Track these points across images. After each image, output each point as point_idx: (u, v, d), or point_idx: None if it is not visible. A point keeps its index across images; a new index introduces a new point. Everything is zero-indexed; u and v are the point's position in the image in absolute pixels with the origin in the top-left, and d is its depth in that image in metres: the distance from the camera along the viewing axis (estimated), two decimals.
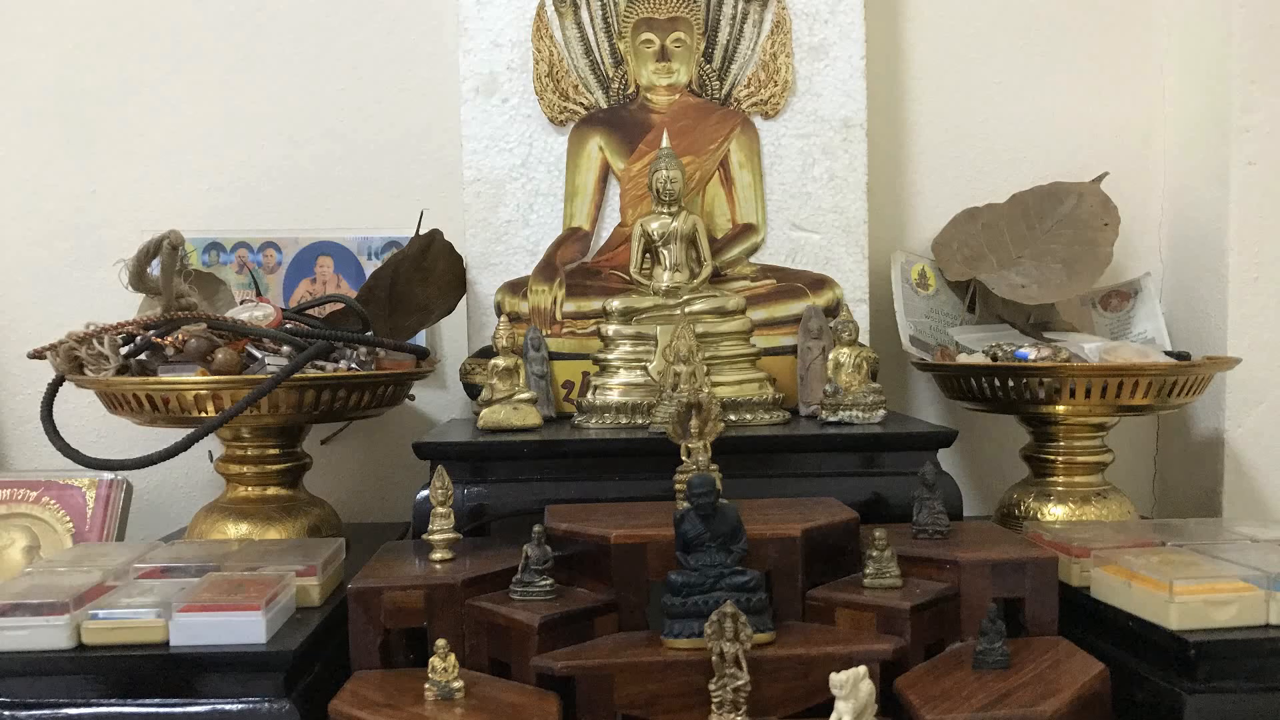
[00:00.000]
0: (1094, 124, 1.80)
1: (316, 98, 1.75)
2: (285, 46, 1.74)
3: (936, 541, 1.19)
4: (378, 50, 1.75)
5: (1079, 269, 1.61)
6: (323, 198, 1.75)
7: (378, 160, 1.76)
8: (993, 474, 1.79)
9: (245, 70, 1.74)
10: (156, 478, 1.73)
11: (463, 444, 1.37)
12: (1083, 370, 1.40)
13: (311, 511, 1.45)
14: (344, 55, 1.75)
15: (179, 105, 1.74)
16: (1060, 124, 1.80)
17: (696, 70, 1.66)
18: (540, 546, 1.11)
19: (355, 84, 1.75)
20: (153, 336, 1.34)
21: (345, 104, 1.75)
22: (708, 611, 0.98)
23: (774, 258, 1.66)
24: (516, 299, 1.63)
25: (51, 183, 1.74)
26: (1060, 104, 1.80)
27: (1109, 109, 1.80)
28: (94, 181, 1.74)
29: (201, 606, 1.05)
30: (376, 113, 1.76)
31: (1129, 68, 1.80)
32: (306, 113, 1.75)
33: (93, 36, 1.73)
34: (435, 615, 1.08)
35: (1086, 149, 1.79)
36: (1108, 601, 1.15)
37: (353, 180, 1.76)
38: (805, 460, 1.37)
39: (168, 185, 1.74)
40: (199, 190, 1.74)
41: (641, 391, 1.47)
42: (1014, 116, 1.80)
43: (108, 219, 1.73)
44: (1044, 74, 1.80)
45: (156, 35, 1.73)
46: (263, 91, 1.74)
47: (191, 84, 1.74)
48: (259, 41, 1.74)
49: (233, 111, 1.74)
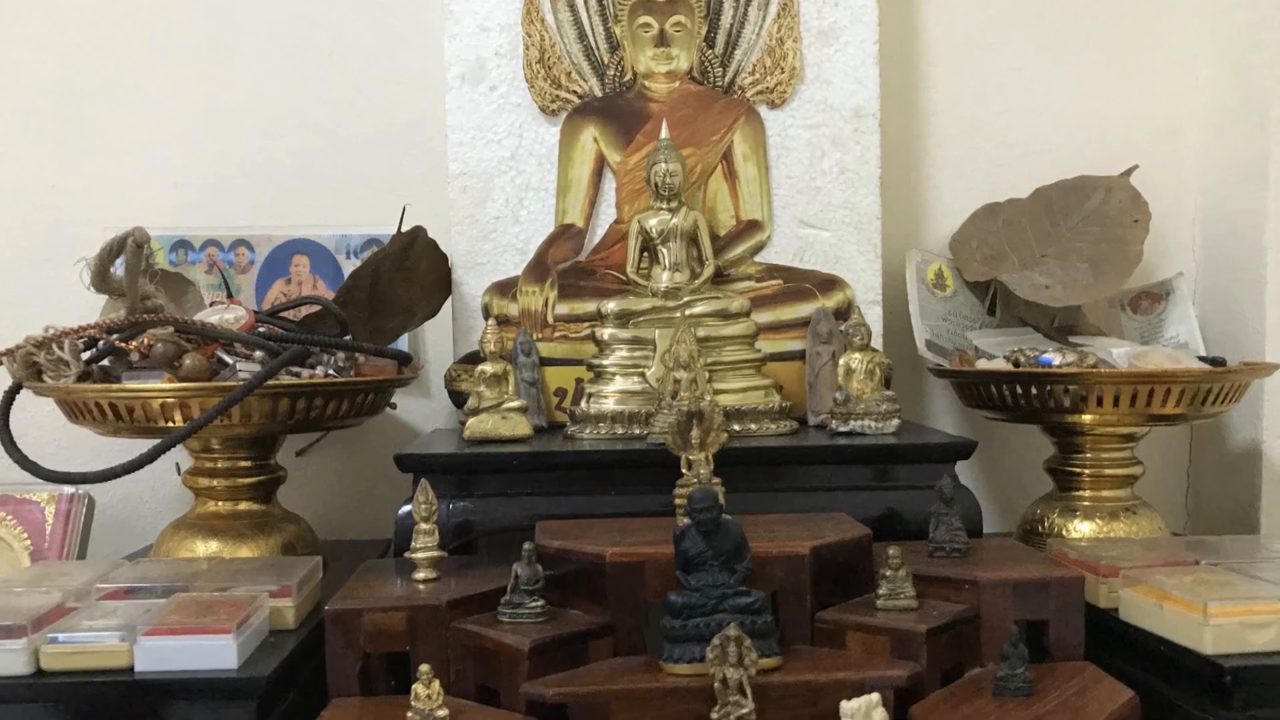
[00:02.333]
0: (1122, 114, 1.80)
1: (293, 86, 1.75)
2: (260, 31, 1.75)
3: (954, 560, 1.19)
4: (359, 36, 1.75)
5: (1106, 269, 1.62)
6: (299, 192, 1.75)
7: (358, 153, 1.76)
8: (1014, 488, 1.79)
9: (216, 57, 1.74)
10: (120, 492, 1.73)
11: (448, 456, 1.37)
12: (1110, 377, 1.41)
13: (286, 528, 1.45)
14: (322, 41, 1.75)
15: (145, 95, 1.74)
16: (1086, 113, 1.80)
17: (698, 56, 1.66)
18: (531, 565, 1.11)
19: (334, 71, 1.76)
20: (116, 341, 1.34)
21: (324, 93, 1.76)
22: (710, 635, 0.98)
23: (780, 257, 1.66)
24: (505, 301, 1.63)
25: (9, 178, 1.74)
26: (1086, 92, 1.80)
27: (1138, 98, 1.80)
28: (54, 176, 1.74)
29: (168, 630, 1.04)
30: (357, 102, 1.76)
31: (1159, 53, 1.80)
32: (282, 102, 1.75)
33: (53, 25, 1.73)
34: (418, 639, 1.08)
35: (1114, 140, 1.80)
36: (1137, 624, 1.16)
37: (331, 174, 1.76)
38: (814, 473, 1.37)
39: (133, 179, 1.74)
40: (166, 184, 1.74)
41: (639, 400, 1.48)
42: (1036, 106, 1.80)
43: (69, 215, 1.73)
44: (1068, 60, 1.80)
45: (122, 21, 1.74)
46: (235, 79, 1.75)
47: (160, 72, 1.74)
48: (230, 25, 1.74)
49: (203, 101, 1.75)
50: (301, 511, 1.54)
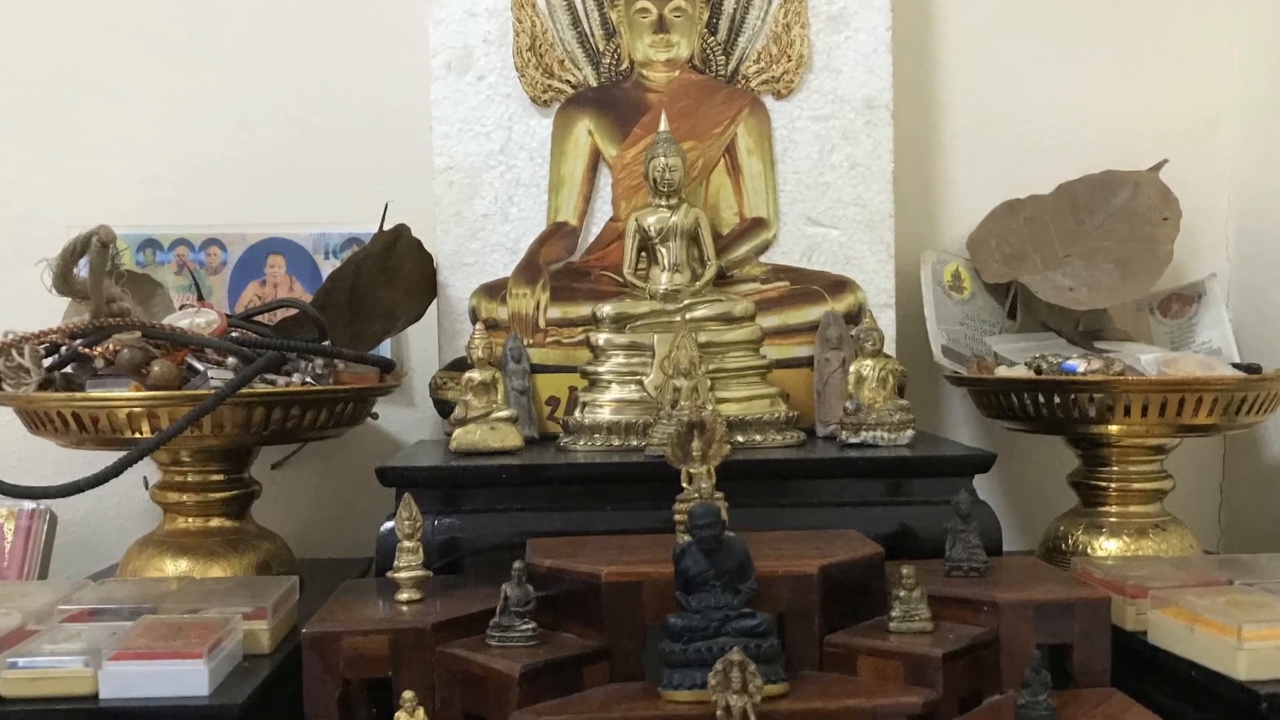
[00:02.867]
0: (1151, 104, 1.81)
1: (269, 76, 1.76)
2: (234, 17, 1.75)
3: (972, 580, 1.20)
4: (341, 24, 1.76)
5: (1134, 269, 1.62)
6: (275, 189, 1.76)
7: (337, 146, 1.76)
8: (1036, 503, 1.80)
9: (187, 44, 1.75)
10: (84, 508, 1.73)
11: (433, 469, 1.37)
12: (1139, 385, 1.41)
13: (261, 546, 1.45)
14: (301, 28, 1.76)
15: (111, 85, 1.75)
16: (1113, 104, 1.81)
17: (699, 43, 1.67)
18: (521, 586, 1.11)
19: (313, 60, 1.76)
20: (80, 346, 1.35)
21: (301, 82, 1.76)
22: (711, 660, 0.98)
23: (787, 257, 1.66)
24: (494, 304, 1.63)
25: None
26: (1112, 81, 1.81)
27: (1168, 87, 1.81)
28: (13, 171, 1.74)
29: (135, 654, 1.04)
30: (337, 92, 1.76)
31: (1191, 40, 1.81)
32: (258, 93, 1.76)
33: (10, 12, 1.73)
34: (401, 664, 1.08)
35: (1142, 133, 1.80)
36: (1167, 648, 1.16)
37: (309, 169, 1.76)
38: (823, 487, 1.37)
39: (98, 174, 1.74)
40: (133, 180, 1.75)
41: (636, 409, 1.48)
42: (1060, 96, 1.81)
43: (30, 213, 1.73)
44: (1093, 47, 1.81)
45: (87, 6, 1.74)
46: (208, 68, 1.75)
47: (127, 61, 1.75)
48: (203, 10, 1.75)
49: (173, 91, 1.75)
50: (277, 528, 1.54)
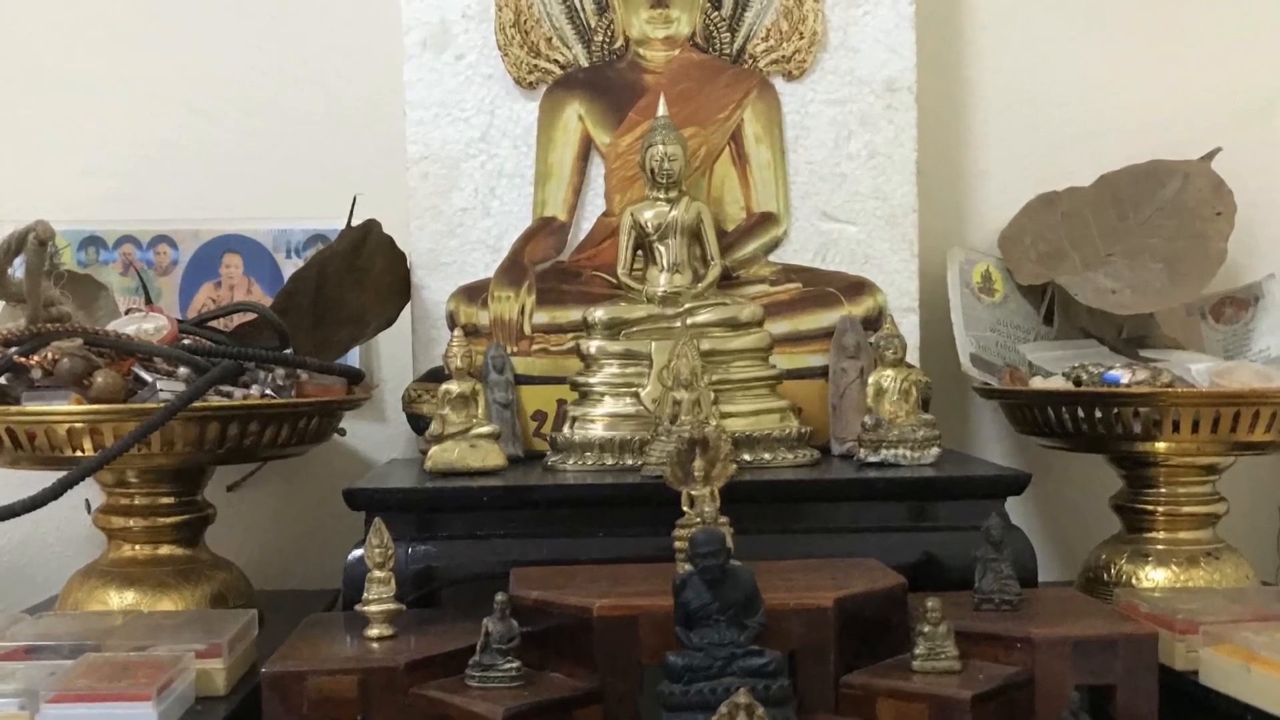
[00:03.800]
0: (1202, 87, 1.82)
1: (225, 56, 1.76)
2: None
3: (1004, 614, 1.20)
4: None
5: (1184, 270, 1.63)
6: (231, 180, 1.76)
7: (301, 133, 1.77)
8: (1075, 529, 1.80)
9: (134, 21, 1.76)
10: (20, 533, 1.73)
11: (407, 491, 1.38)
12: (1189, 398, 1.41)
13: (215, 576, 1.45)
14: (260, 2, 1.77)
15: (49, 66, 1.75)
16: (1159, 87, 1.81)
17: (701, 19, 1.67)
18: (504, 620, 1.11)
19: (274, 38, 1.77)
20: (15, 355, 1.35)
21: (261, 63, 1.77)
22: (716, 702, 0.99)
23: (799, 255, 1.67)
24: (474, 308, 1.64)
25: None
26: (1158, 61, 1.81)
27: (1220, 69, 1.82)
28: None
29: (77, 696, 1.05)
30: (301, 74, 1.77)
31: (1245, 18, 1.82)
32: (212, 75, 1.76)
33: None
34: (372, 706, 1.08)
35: (1192, 119, 1.81)
36: (1221, 689, 1.16)
37: (269, 159, 1.77)
38: (839, 511, 1.37)
39: (34, 165, 1.75)
40: (73, 171, 1.75)
41: (632, 425, 1.48)
42: (1100, 78, 1.82)
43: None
44: (1140, 22, 1.81)
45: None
46: (156, 47, 1.76)
47: (67, 40, 1.75)
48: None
49: (118, 74, 1.76)
50: (234, 556, 1.55)
